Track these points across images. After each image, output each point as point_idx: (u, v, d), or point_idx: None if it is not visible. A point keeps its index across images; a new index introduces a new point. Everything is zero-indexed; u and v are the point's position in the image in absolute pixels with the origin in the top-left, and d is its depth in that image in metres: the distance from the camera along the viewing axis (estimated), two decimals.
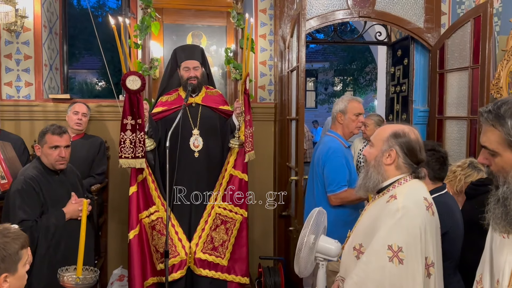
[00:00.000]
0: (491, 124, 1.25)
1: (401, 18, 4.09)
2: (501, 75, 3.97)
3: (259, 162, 4.13)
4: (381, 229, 1.72)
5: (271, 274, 3.63)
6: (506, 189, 1.26)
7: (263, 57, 4.13)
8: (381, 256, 1.68)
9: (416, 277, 1.66)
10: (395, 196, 1.77)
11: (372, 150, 1.89)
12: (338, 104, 3.08)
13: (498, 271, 1.34)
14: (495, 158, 1.27)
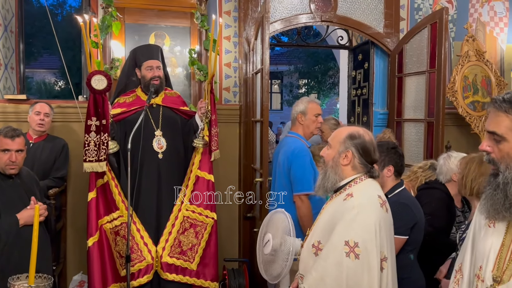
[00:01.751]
0: (504, 111, 1.28)
1: (362, 23, 4.21)
2: (456, 79, 4.16)
3: (224, 164, 4.12)
4: (338, 226, 1.79)
5: (236, 276, 3.62)
6: (508, 175, 1.29)
7: (227, 59, 4.13)
8: (338, 252, 1.74)
9: (372, 271, 1.73)
10: (351, 194, 1.85)
11: (330, 151, 1.97)
12: (298, 105, 3.16)
13: (482, 258, 1.39)
14: (500, 144, 1.30)
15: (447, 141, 4.21)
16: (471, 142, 4.37)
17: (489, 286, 1.34)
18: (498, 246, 1.35)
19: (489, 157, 1.34)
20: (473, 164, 2.32)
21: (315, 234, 1.93)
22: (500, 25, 4.65)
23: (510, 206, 1.28)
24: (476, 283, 1.41)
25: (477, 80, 4.21)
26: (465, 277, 1.50)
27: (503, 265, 1.32)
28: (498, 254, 1.35)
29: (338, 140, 1.94)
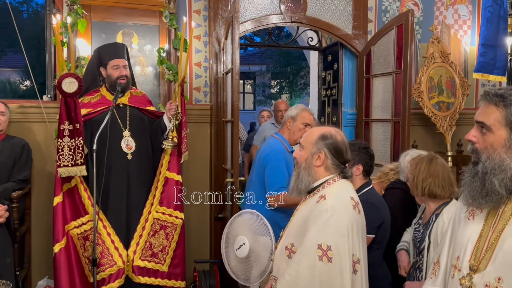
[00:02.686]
0: (494, 104, 1.34)
1: (331, 24, 4.26)
2: (422, 80, 4.27)
3: (195, 164, 4.09)
4: (311, 228, 1.79)
5: (207, 278, 3.60)
6: (488, 164, 1.34)
7: (198, 58, 4.10)
8: (311, 255, 1.75)
9: (344, 274, 1.74)
10: (325, 196, 1.85)
11: (303, 152, 1.97)
12: (291, 109, 3.13)
13: (460, 248, 1.44)
14: (485, 135, 1.35)
15: (413, 140, 4.32)
16: (437, 141, 4.50)
17: (466, 275, 1.39)
18: (476, 237, 1.40)
19: (473, 146, 1.39)
20: (423, 164, 2.34)
21: (289, 236, 1.93)
22: (464, 28, 4.81)
23: (487, 194, 1.34)
24: (453, 273, 1.46)
25: (442, 81, 4.33)
26: (441, 267, 1.54)
27: (480, 255, 1.37)
28: (475, 244, 1.39)
29: (310, 141, 1.94)
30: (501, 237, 1.33)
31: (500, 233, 1.34)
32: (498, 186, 1.31)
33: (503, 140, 1.32)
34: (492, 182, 1.32)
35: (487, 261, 1.34)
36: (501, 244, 1.33)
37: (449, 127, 4.28)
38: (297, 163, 1.98)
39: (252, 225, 2.46)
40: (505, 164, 1.31)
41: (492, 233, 1.36)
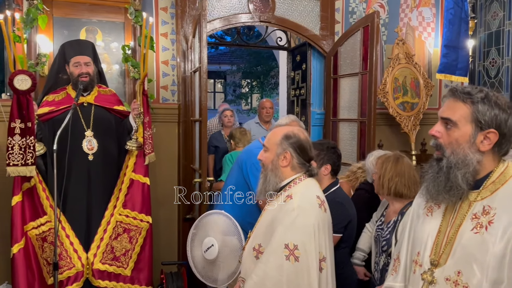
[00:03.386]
0: (461, 100, 1.37)
1: (299, 25, 4.28)
2: (387, 81, 4.36)
3: (163, 164, 4.02)
4: (278, 228, 1.80)
5: (174, 280, 3.54)
6: (452, 159, 1.37)
7: (165, 56, 4.03)
8: (278, 255, 1.75)
9: (311, 272, 1.75)
10: (291, 196, 1.86)
11: (268, 154, 1.97)
12: (282, 119, 3.08)
13: (420, 244, 1.48)
14: (450, 130, 1.38)
15: (379, 140, 4.40)
16: (402, 140, 4.61)
17: (427, 270, 1.42)
18: (435, 232, 1.44)
19: (436, 142, 1.42)
20: (389, 164, 2.35)
21: (256, 237, 1.93)
22: (428, 30, 4.94)
23: (451, 189, 1.37)
24: (414, 268, 1.49)
25: (406, 82, 4.43)
26: (402, 263, 1.57)
27: (439, 249, 1.41)
28: (435, 239, 1.43)
29: (275, 142, 1.94)
30: (459, 232, 1.37)
31: (458, 228, 1.38)
32: (461, 180, 1.35)
33: (468, 135, 1.35)
34: (456, 175, 1.35)
35: (447, 256, 1.38)
36: (459, 239, 1.37)
37: (413, 127, 4.39)
38: (263, 165, 1.98)
39: (221, 226, 2.44)
40: (468, 159, 1.35)
41: (451, 228, 1.40)
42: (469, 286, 1.31)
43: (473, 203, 1.38)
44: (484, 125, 1.34)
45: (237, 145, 4.35)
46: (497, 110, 1.34)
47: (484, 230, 1.32)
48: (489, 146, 1.36)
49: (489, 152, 1.37)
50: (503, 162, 1.39)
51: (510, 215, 1.29)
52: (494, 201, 1.34)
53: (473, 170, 1.36)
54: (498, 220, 1.30)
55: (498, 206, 1.32)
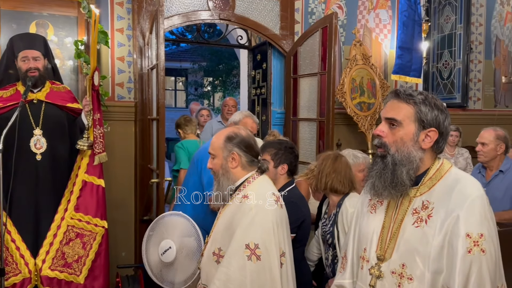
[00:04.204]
0: (405, 101, 1.44)
1: (259, 24, 4.28)
2: (345, 81, 4.43)
3: (119, 165, 3.90)
4: (237, 230, 1.79)
5: (130, 283, 3.45)
6: (397, 156, 1.44)
7: (120, 52, 3.90)
8: (240, 256, 1.75)
9: (273, 270, 1.77)
10: (247, 195, 1.86)
11: (216, 160, 1.95)
12: (235, 115, 3.08)
13: (366, 241, 1.54)
14: (395, 129, 1.45)
15: (337, 139, 4.47)
16: (359, 139, 4.70)
17: (374, 265, 1.48)
18: (380, 228, 1.50)
19: (381, 140, 1.48)
20: (329, 160, 2.50)
21: (215, 241, 1.91)
22: (384, 32, 5.07)
23: (396, 185, 1.44)
24: (361, 264, 1.54)
25: (363, 82, 4.52)
26: (348, 260, 1.63)
27: (385, 245, 1.47)
28: (380, 235, 1.49)
29: (219, 147, 1.94)
30: (402, 227, 1.44)
31: (401, 223, 1.45)
32: (405, 176, 1.42)
33: (412, 134, 1.43)
34: (402, 172, 1.42)
35: (392, 250, 1.44)
36: (402, 233, 1.44)
37: (369, 126, 4.49)
38: (214, 173, 1.97)
39: (178, 228, 2.39)
40: (412, 156, 1.43)
41: (394, 223, 1.47)
42: (413, 277, 1.38)
43: (413, 198, 1.45)
44: (426, 124, 1.43)
45: (186, 133, 4.31)
46: (437, 111, 1.44)
47: (424, 224, 1.39)
48: (430, 144, 1.44)
49: (429, 149, 1.46)
50: (438, 159, 1.48)
51: (446, 209, 1.36)
52: (432, 196, 1.42)
53: (416, 167, 1.44)
54: (436, 214, 1.38)
55: (436, 201, 1.40)
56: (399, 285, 1.41)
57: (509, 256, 2.70)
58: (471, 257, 1.30)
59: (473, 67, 5.67)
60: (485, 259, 1.31)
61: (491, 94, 5.79)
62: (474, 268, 1.30)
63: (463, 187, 1.39)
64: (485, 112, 5.66)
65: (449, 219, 1.34)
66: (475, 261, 1.30)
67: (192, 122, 4.36)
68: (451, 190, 1.39)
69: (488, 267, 1.31)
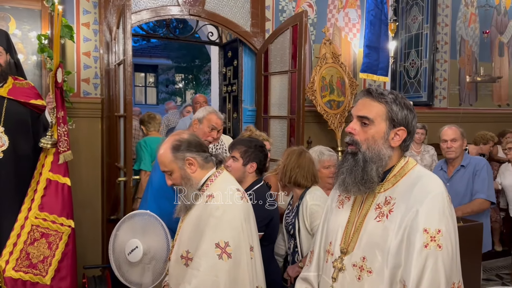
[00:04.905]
0: (377, 100, 1.47)
1: (230, 20, 4.24)
2: (315, 79, 4.46)
3: (85, 163, 3.80)
4: (206, 230, 1.77)
5: (97, 284, 3.37)
6: (368, 154, 1.46)
7: (86, 47, 3.79)
8: (210, 256, 1.73)
9: (244, 266, 1.78)
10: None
11: (174, 175, 1.89)
12: (199, 111, 2.95)
13: (332, 235, 1.57)
14: (366, 127, 1.47)
15: (308, 136, 4.51)
16: (329, 137, 4.75)
17: (337, 258, 1.50)
18: (345, 223, 1.53)
19: (352, 138, 1.50)
20: (293, 155, 2.58)
21: (182, 244, 1.88)
22: (353, 31, 5.13)
23: (366, 181, 1.46)
24: (326, 257, 1.57)
25: (333, 80, 4.57)
26: (315, 254, 1.66)
27: (348, 238, 1.50)
28: (345, 229, 1.52)
29: (170, 161, 1.87)
30: (365, 221, 1.47)
31: (364, 218, 1.48)
32: (375, 173, 1.45)
33: (382, 132, 1.46)
34: (372, 169, 1.45)
35: (354, 244, 1.47)
36: (365, 227, 1.47)
37: (339, 124, 4.55)
38: (177, 186, 1.91)
39: (145, 227, 2.34)
40: (382, 154, 1.46)
41: (358, 218, 1.50)
42: (372, 270, 1.41)
43: (377, 194, 1.48)
44: (396, 123, 1.46)
45: (149, 130, 4.25)
46: (406, 110, 1.47)
47: (385, 219, 1.42)
48: (399, 142, 1.48)
49: (397, 148, 1.49)
50: (404, 157, 1.52)
51: (407, 204, 1.39)
52: (394, 192, 1.45)
53: (384, 164, 1.47)
54: (397, 209, 1.41)
55: (398, 197, 1.43)
56: (359, 277, 1.43)
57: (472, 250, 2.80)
58: (427, 251, 1.32)
59: (439, 67, 5.83)
60: (441, 254, 1.33)
61: (456, 93, 5.98)
62: (429, 263, 1.32)
63: (424, 184, 1.42)
64: (450, 110, 5.84)
65: (409, 214, 1.37)
66: (430, 256, 1.32)
67: (156, 119, 4.30)
68: (412, 186, 1.42)
69: (443, 262, 1.33)
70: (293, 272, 2.50)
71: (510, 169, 4.74)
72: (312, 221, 2.46)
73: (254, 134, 3.17)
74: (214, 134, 2.81)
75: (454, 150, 3.30)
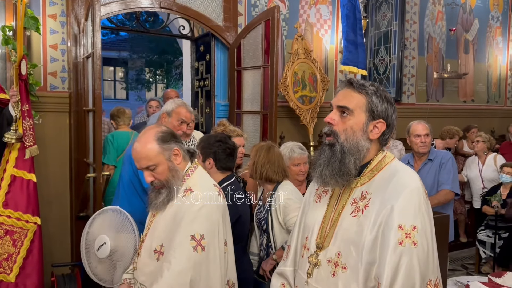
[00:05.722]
0: (358, 91, 1.44)
1: (202, 14, 4.20)
2: (287, 75, 4.48)
3: (52, 158, 3.70)
4: (182, 223, 1.75)
5: (66, 282, 3.28)
6: (346, 145, 1.43)
7: (53, 39, 3.67)
8: (185, 248, 1.72)
9: (217, 259, 1.78)
10: (190, 189, 1.82)
11: (160, 169, 1.80)
12: (167, 104, 2.86)
13: (309, 229, 1.54)
14: (345, 118, 1.44)
15: (281, 132, 4.53)
16: (301, 132, 4.79)
17: (313, 253, 1.48)
18: (322, 217, 1.50)
19: (331, 128, 1.46)
20: (262, 151, 2.58)
21: (155, 238, 1.84)
22: (324, 27, 5.18)
23: (343, 173, 1.42)
24: (302, 252, 1.55)
25: (305, 76, 4.60)
26: (292, 249, 1.64)
27: (324, 233, 1.47)
28: (321, 224, 1.50)
29: (158, 153, 1.79)
30: (341, 216, 1.45)
31: (340, 213, 1.45)
32: (353, 165, 1.42)
33: (361, 123, 1.43)
34: (350, 160, 1.42)
35: (330, 239, 1.45)
36: (341, 223, 1.44)
37: (311, 119, 4.59)
38: (161, 182, 1.82)
39: (114, 223, 2.30)
40: (360, 146, 1.43)
41: (334, 213, 1.48)
42: (347, 266, 1.38)
43: (354, 189, 1.46)
44: (376, 115, 1.44)
45: (119, 125, 4.19)
46: (386, 103, 1.45)
47: (361, 214, 1.39)
48: (377, 135, 1.45)
49: (375, 141, 1.47)
50: (382, 151, 1.49)
51: (382, 199, 1.36)
52: (371, 186, 1.43)
53: (362, 157, 1.44)
54: (372, 204, 1.38)
55: (373, 191, 1.41)
56: (334, 273, 1.41)
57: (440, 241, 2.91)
58: (401, 248, 1.29)
59: (407, 63, 5.97)
60: (416, 251, 1.30)
61: (424, 89, 6.14)
62: (404, 260, 1.29)
63: (400, 179, 1.39)
64: (418, 106, 6.00)
65: (384, 210, 1.34)
66: (405, 253, 1.29)
67: (126, 113, 4.23)
68: (388, 181, 1.40)
69: (418, 260, 1.30)
70: (268, 265, 2.51)
71: (476, 162, 4.94)
72: (286, 215, 2.47)
73: (228, 129, 3.13)
74: (184, 128, 2.71)
75: (427, 145, 3.41)
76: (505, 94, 7.09)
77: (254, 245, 2.78)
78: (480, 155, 4.93)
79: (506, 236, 4.26)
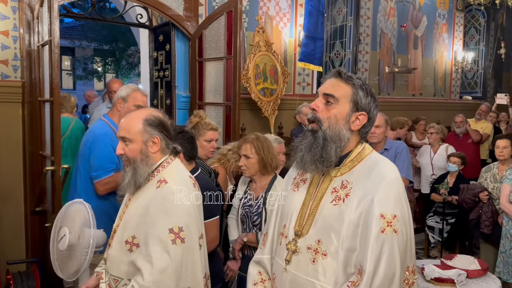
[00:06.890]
0: (345, 81, 1.49)
1: (162, 2, 4.12)
2: (249, 67, 4.51)
3: (3, 151, 3.52)
4: (159, 216, 1.73)
5: (24, 279, 3.15)
6: (328, 132, 1.47)
7: (4, 26, 3.45)
8: (164, 242, 1.70)
9: (195, 252, 1.78)
10: (165, 180, 1.79)
11: (133, 146, 1.81)
12: (121, 89, 2.82)
13: (287, 217, 1.57)
14: (329, 106, 1.48)
15: (242, 123, 4.56)
16: (262, 124, 4.85)
17: (291, 240, 1.52)
18: (300, 205, 1.54)
19: (315, 115, 1.50)
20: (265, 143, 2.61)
21: (128, 229, 1.80)
22: (284, 20, 5.25)
23: (324, 160, 1.47)
24: (280, 240, 1.58)
25: (266, 68, 4.65)
26: (269, 237, 1.67)
27: (303, 221, 1.51)
28: (299, 212, 1.53)
29: (138, 131, 1.80)
30: (321, 204, 1.49)
31: (320, 201, 1.50)
32: (333, 153, 1.47)
33: (345, 113, 1.48)
34: (331, 148, 1.46)
35: (309, 226, 1.49)
36: (321, 210, 1.48)
37: (272, 111, 4.66)
38: (128, 159, 1.82)
39: (75, 215, 2.24)
40: (342, 135, 1.48)
41: (313, 201, 1.52)
42: (327, 253, 1.43)
43: (333, 178, 1.50)
44: (359, 107, 1.49)
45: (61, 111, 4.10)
46: (370, 97, 1.52)
47: (342, 202, 1.44)
48: (359, 126, 1.50)
49: (356, 132, 1.52)
50: (361, 143, 1.55)
51: (363, 189, 1.42)
52: (351, 176, 1.48)
53: (343, 146, 1.50)
54: (354, 193, 1.43)
55: (354, 181, 1.46)
56: (314, 260, 1.44)
57: None
58: (383, 236, 1.35)
59: (361, 58, 6.19)
60: (397, 239, 1.36)
61: (376, 82, 6.40)
62: (385, 247, 1.34)
63: (381, 169, 1.45)
64: None
65: (366, 199, 1.39)
66: (387, 240, 1.35)
67: (70, 101, 4.16)
68: (369, 172, 1.45)
69: (399, 247, 1.36)
70: (237, 245, 2.55)
71: (428, 151, 5.33)
72: None
73: (203, 121, 3.10)
74: None
75: (376, 136, 3.57)
76: (449, 88, 7.55)
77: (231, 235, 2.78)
78: (433, 145, 5.27)
79: (453, 222, 4.57)
